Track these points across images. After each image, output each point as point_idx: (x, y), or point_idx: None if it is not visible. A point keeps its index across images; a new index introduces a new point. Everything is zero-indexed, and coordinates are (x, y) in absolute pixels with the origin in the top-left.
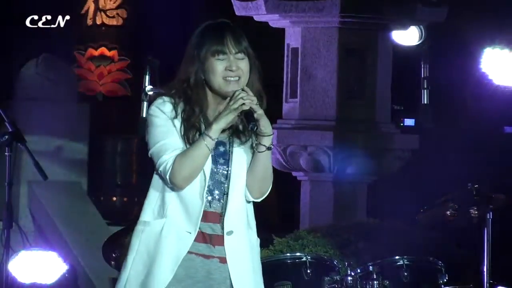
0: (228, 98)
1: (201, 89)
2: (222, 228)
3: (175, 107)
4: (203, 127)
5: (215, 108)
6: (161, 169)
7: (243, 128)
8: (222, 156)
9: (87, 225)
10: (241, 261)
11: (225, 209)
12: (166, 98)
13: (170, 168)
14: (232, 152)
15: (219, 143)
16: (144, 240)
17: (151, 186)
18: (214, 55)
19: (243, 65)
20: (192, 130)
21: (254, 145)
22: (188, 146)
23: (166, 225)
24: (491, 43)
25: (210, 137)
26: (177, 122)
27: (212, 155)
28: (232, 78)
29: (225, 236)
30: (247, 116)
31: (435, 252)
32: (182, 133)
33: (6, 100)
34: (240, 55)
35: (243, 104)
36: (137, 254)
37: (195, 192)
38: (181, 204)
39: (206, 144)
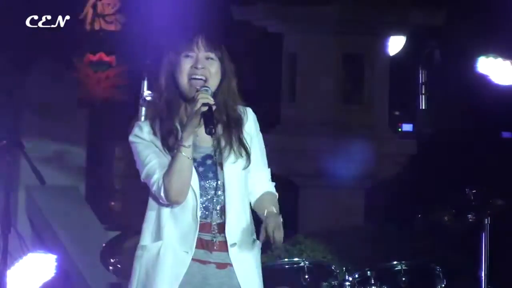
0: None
1: (172, 91)
2: (220, 235)
3: (152, 127)
4: (179, 134)
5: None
6: (154, 189)
7: (230, 138)
8: (210, 170)
9: (85, 230)
10: (248, 270)
11: (225, 221)
12: (141, 123)
13: (162, 187)
14: (220, 163)
15: (206, 157)
16: (144, 264)
17: (148, 208)
18: (181, 52)
19: (211, 66)
20: (169, 137)
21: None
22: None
23: (163, 247)
24: (486, 51)
25: (184, 146)
26: (157, 141)
27: (200, 171)
28: (197, 76)
29: (229, 248)
30: (206, 117)
31: (433, 257)
32: (162, 145)
33: (5, 104)
34: (210, 55)
35: (203, 105)
36: (138, 279)
37: (188, 213)
38: (176, 225)
39: (183, 154)
